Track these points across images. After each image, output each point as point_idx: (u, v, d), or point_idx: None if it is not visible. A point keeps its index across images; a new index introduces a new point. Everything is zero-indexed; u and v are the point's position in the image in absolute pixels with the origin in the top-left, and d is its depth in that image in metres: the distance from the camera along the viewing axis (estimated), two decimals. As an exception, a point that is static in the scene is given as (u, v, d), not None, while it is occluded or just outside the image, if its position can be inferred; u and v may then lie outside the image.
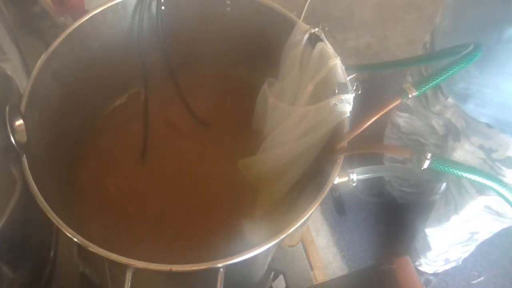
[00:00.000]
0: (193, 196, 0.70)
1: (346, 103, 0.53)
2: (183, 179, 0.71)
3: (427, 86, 0.46)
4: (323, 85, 0.59)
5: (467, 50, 0.45)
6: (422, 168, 0.40)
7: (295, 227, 0.47)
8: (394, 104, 0.47)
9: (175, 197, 0.70)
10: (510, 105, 0.65)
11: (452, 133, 0.86)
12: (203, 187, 0.71)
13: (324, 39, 0.59)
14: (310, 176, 0.59)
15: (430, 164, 0.40)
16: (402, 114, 1.06)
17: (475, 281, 1.43)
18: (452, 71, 0.45)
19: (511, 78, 0.62)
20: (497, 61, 0.61)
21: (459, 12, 0.69)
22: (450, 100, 0.79)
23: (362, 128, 0.49)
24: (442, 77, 0.46)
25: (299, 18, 0.62)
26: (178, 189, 0.71)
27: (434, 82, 0.46)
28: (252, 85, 0.79)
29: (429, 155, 0.39)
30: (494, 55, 0.61)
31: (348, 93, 0.54)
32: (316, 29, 0.59)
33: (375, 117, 0.48)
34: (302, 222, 0.47)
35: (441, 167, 0.39)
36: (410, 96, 0.46)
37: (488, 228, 1.01)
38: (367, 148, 0.49)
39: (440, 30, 0.76)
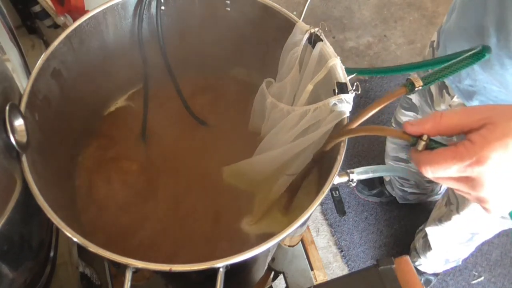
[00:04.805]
0: (192, 196, 0.70)
1: (345, 103, 0.53)
2: (183, 179, 0.72)
3: (434, 80, 0.46)
4: (323, 85, 0.59)
5: (475, 50, 0.45)
6: (419, 150, 0.40)
7: (295, 227, 0.47)
8: (399, 95, 0.47)
9: (174, 198, 0.70)
10: None
11: None
12: (202, 187, 0.71)
13: (324, 39, 0.59)
14: (310, 175, 0.59)
15: (426, 146, 0.40)
16: (407, 113, 1.06)
17: (475, 281, 1.44)
18: (458, 68, 0.45)
19: None
20: (501, 60, 0.61)
21: (464, 10, 0.69)
22: (455, 99, 0.79)
23: (365, 118, 0.49)
24: (449, 72, 0.45)
25: (299, 18, 0.62)
26: (178, 189, 0.71)
27: (441, 77, 0.46)
28: (252, 85, 0.79)
29: (425, 137, 0.40)
30: (497, 53, 0.60)
31: (347, 93, 0.54)
32: (316, 29, 0.59)
33: (380, 107, 0.48)
34: (302, 222, 0.47)
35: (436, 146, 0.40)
36: (416, 87, 0.46)
37: (489, 228, 1.01)
38: (367, 130, 0.48)
39: (446, 29, 0.77)
